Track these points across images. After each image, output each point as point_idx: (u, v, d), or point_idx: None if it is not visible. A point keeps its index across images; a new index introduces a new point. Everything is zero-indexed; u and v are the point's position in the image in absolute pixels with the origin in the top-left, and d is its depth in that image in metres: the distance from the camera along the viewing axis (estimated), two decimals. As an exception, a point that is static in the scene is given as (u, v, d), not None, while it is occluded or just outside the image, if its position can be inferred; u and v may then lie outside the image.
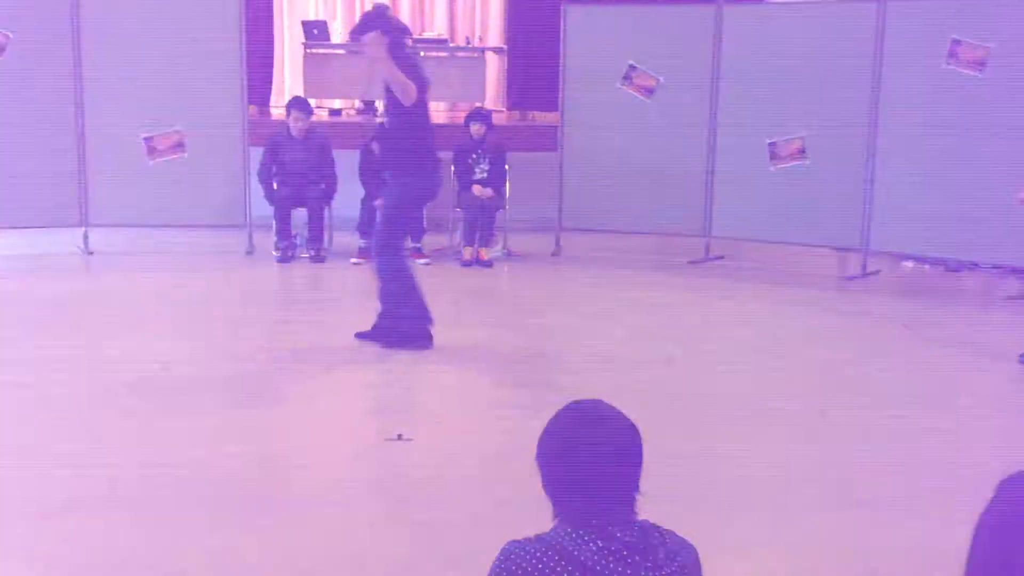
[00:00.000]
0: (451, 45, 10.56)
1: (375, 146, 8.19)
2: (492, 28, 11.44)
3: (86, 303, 6.95)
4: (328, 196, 8.37)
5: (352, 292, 7.63)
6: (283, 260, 8.09)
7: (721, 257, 8.36)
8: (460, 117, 9.43)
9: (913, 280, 8.12)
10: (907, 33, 7.41)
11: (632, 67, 8.30)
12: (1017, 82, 7.01)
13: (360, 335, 5.83)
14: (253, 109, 8.87)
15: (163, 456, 4.25)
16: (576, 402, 1.90)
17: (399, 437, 4.44)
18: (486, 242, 8.27)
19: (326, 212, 8.37)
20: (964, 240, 7.37)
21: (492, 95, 10.78)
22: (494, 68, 10.91)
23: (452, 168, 8.44)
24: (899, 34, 7.43)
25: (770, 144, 7.97)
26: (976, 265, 8.08)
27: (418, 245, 8.23)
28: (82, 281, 7.65)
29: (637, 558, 1.76)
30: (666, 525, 1.86)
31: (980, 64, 7.16)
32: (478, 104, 9.65)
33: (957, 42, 7.22)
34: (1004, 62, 7.07)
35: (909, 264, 8.39)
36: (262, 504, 3.86)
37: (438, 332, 5.80)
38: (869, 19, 7.51)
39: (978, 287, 7.95)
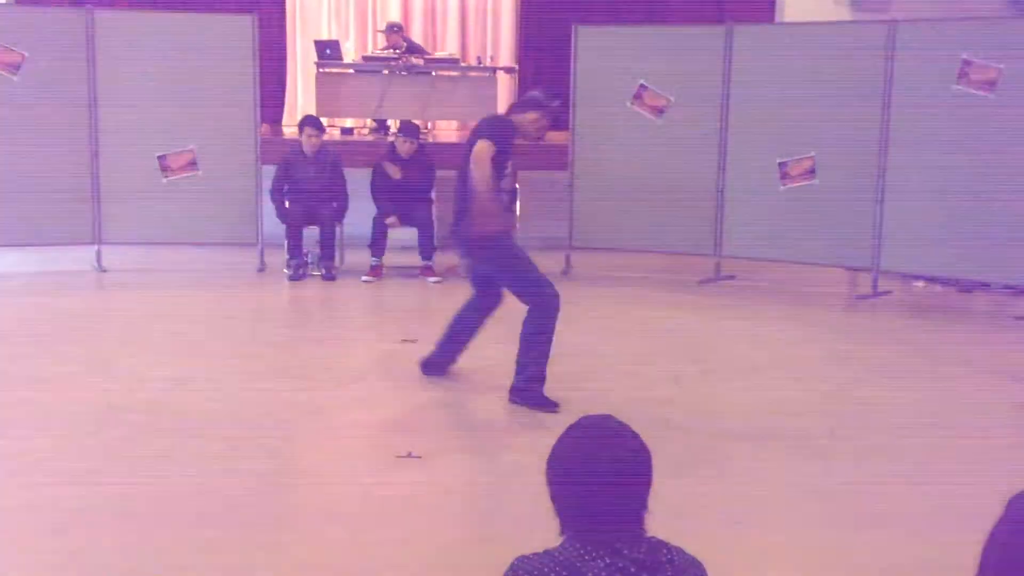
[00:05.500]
0: (463, 64, 10.61)
1: (387, 165, 8.25)
2: (503, 47, 11.51)
3: (97, 320, 6.97)
4: (340, 214, 8.40)
5: (363, 310, 7.66)
6: (294, 278, 8.11)
7: (732, 276, 8.35)
8: (471, 136, 9.45)
9: (924, 300, 8.10)
10: (917, 53, 7.43)
11: (642, 87, 8.32)
12: (1027, 102, 7.02)
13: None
14: (265, 128, 8.92)
15: (173, 472, 4.27)
16: (586, 417, 1.91)
17: (409, 455, 4.45)
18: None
19: (337, 230, 8.41)
20: (975, 260, 7.36)
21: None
22: (505, 87, 10.96)
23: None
24: (909, 54, 7.44)
25: (780, 163, 7.97)
26: (987, 285, 8.06)
27: (429, 264, 8.25)
28: (94, 298, 7.69)
29: (645, 575, 1.76)
30: (674, 542, 1.87)
31: (990, 84, 7.17)
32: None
33: (967, 62, 7.23)
34: (1014, 82, 7.07)
35: (920, 284, 8.37)
36: (273, 521, 3.87)
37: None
38: (879, 39, 7.53)
39: (989, 307, 7.93)
